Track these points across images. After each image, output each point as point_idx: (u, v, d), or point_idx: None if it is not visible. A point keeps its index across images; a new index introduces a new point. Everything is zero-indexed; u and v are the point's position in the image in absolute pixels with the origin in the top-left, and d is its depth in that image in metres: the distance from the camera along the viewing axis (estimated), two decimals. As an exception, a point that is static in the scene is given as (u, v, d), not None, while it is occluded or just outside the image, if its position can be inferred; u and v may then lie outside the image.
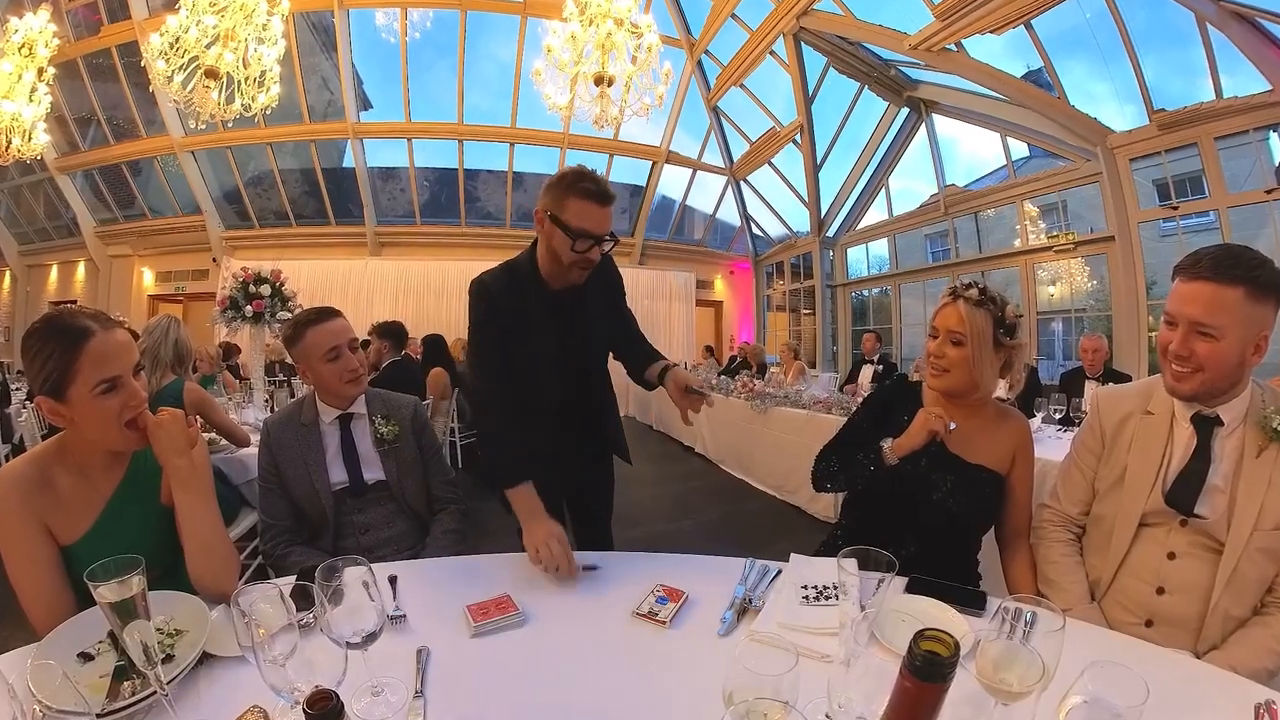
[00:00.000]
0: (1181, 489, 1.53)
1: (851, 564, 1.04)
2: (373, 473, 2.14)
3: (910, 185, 13.13)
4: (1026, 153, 10.40)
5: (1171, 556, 1.54)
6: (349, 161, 13.19)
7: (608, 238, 1.87)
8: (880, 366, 8.36)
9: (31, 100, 7.92)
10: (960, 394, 1.83)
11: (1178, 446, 1.56)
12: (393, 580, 1.54)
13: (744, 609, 1.43)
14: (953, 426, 1.76)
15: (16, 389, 6.99)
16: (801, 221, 14.28)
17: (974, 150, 11.91)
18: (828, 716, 0.95)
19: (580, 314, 2.01)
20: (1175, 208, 7.89)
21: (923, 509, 1.80)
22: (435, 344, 7.70)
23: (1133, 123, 8.03)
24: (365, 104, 13.34)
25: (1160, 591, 1.54)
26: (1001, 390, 1.87)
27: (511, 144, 13.26)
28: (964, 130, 11.27)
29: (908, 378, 2.18)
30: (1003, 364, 1.81)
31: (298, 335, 2.10)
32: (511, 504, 1.83)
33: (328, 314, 2.15)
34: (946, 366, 1.79)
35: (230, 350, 8.98)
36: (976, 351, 1.75)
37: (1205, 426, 1.53)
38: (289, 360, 9.37)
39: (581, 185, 1.79)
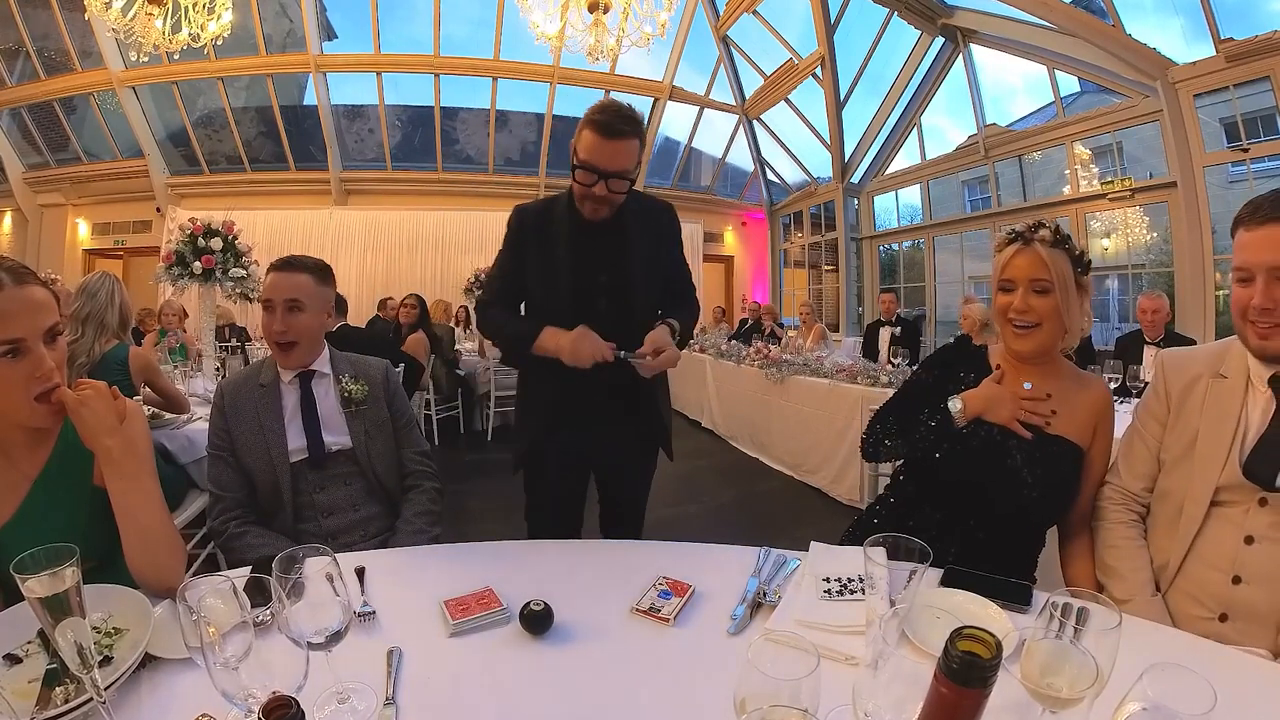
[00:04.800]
0: (1260, 458, 1.48)
1: (879, 553, 1.03)
2: (335, 437, 2.13)
3: (945, 125, 13.04)
4: (1077, 88, 10.26)
5: (1249, 541, 1.49)
6: (310, 99, 13.03)
7: (614, 175, 2.02)
8: (899, 329, 8.32)
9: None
10: (1045, 352, 1.79)
11: (1254, 412, 1.53)
12: (360, 572, 1.53)
13: (758, 604, 1.43)
14: (1028, 386, 1.75)
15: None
16: (822, 166, 14.20)
17: (1018, 85, 11.72)
18: (852, 725, 0.95)
19: (622, 249, 2.20)
20: (1246, 150, 7.79)
21: (991, 484, 1.76)
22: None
23: (1197, 54, 7.90)
24: (329, 33, 13.15)
25: (1236, 581, 1.49)
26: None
27: (494, 79, 13.11)
28: (1006, 63, 11.09)
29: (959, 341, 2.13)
30: None
31: (267, 274, 2.20)
32: (542, 348, 2.10)
33: (290, 264, 2.18)
34: (1036, 320, 1.72)
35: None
36: (1064, 298, 1.71)
37: None
38: (240, 323, 9.34)
39: (593, 117, 2.00)
